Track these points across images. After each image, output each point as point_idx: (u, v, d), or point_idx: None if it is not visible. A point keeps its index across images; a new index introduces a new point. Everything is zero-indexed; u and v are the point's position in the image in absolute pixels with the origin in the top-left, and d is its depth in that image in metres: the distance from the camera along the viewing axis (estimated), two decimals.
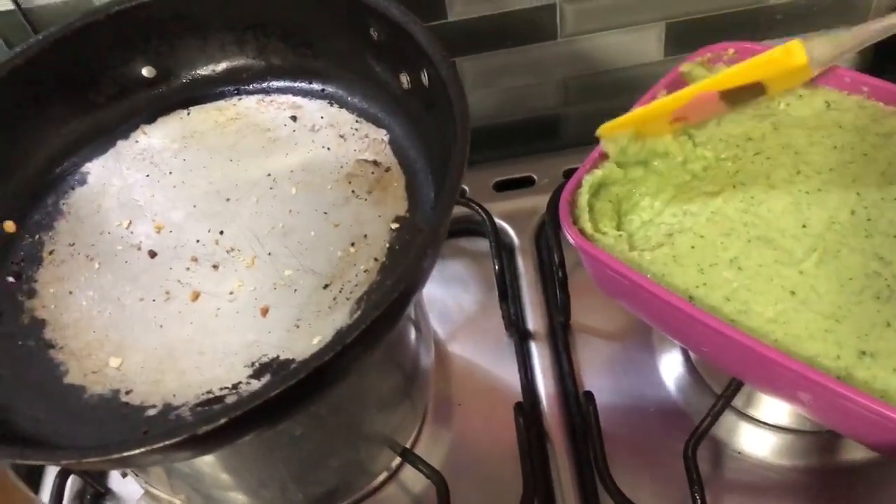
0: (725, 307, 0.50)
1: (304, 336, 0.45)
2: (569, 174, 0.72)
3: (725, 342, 0.49)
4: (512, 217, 0.75)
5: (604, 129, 0.57)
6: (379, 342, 0.43)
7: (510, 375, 0.67)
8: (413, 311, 0.57)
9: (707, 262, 0.53)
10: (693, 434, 0.57)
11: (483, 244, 0.73)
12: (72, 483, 0.64)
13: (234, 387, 0.43)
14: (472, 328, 0.70)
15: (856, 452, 0.59)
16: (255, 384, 0.43)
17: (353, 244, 0.48)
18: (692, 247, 0.53)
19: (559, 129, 0.86)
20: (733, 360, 0.53)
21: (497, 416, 0.64)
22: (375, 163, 0.52)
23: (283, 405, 0.37)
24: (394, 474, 0.62)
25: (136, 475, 0.53)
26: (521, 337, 0.68)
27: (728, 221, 0.54)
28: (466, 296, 0.72)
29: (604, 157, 0.58)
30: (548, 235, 0.71)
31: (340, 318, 0.45)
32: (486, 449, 0.63)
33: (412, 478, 0.62)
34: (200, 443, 0.36)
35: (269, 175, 0.53)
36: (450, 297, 0.72)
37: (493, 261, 0.69)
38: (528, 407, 0.64)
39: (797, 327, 0.49)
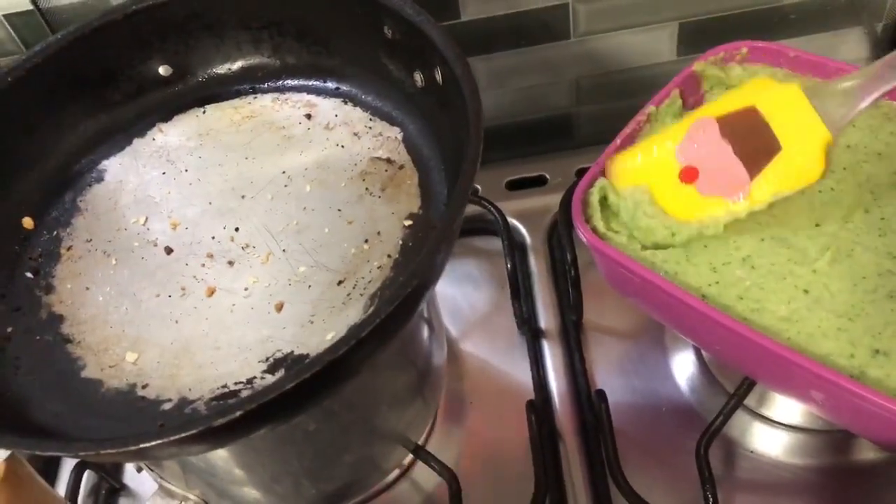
0: (738, 305, 0.51)
1: (318, 332, 0.45)
2: (581, 173, 0.72)
3: (738, 340, 0.49)
4: (524, 216, 0.75)
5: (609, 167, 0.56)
6: (393, 337, 0.43)
7: (522, 374, 0.67)
8: (426, 308, 0.57)
9: (720, 260, 0.53)
10: (705, 432, 0.57)
11: (495, 243, 0.73)
12: (87, 478, 0.65)
13: (249, 381, 0.44)
14: (485, 326, 0.70)
15: (868, 452, 0.59)
16: (270, 379, 0.43)
17: (366, 241, 0.49)
18: (705, 246, 0.53)
19: (572, 129, 0.86)
20: (746, 359, 0.53)
21: (509, 414, 0.64)
22: (389, 160, 0.52)
23: (297, 399, 0.37)
24: (406, 471, 0.63)
25: (152, 470, 0.53)
26: (533, 335, 0.68)
27: (741, 220, 0.54)
28: (479, 294, 0.72)
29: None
30: (560, 234, 0.72)
31: (354, 313, 0.46)
32: (498, 447, 0.64)
33: (424, 475, 0.62)
34: (216, 435, 0.36)
35: (283, 172, 0.53)
36: (462, 296, 0.72)
37: (506, 259, 0.69)
38: (540, 405, 0.64)
39: (810, 326, 0.49)
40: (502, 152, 0.82)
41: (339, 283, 0.47)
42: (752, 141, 0.52)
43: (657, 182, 0.54)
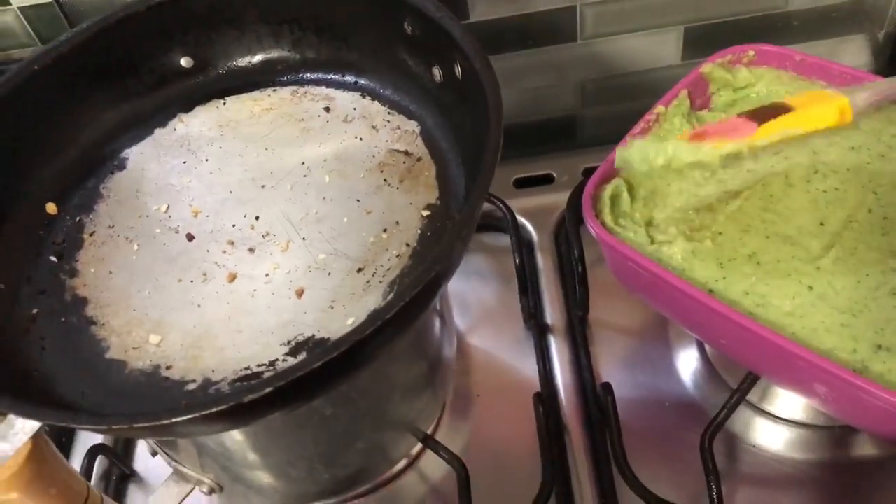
0: (744, 301, 0.52)
1: (338, 317, 0.46)
2: (588, 172, 0.74)
3: (744, 335, 0.50)
4: (532, 213, 0.76)
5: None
6: (413, 323, 0.44)
7: (529, 368, 0.68)
8: (438, 301, 0.58)
9: (726, 257, 0.54)
10: (710, 425, 0.58)
11: (502, 240, 0.74)
12: (99, 463, 0.65)
13: (272, 364, 0.45)
14: (492, 321, 0.71)
15: (868, 448, 0.60)
16: (292, 361, 0.44)
17: (385, 230, 0.50)
18: (712, 242, 0.55)
19: (577, 131, 0.88)
20: (751, 353, 0.54)
21: (515, 408, 0.65)
22: (407, 153, 0.54)
23: (322, 379, 0.38)
24: (413, 462, 0.64)
25: (167, 454, 0.54)
26: (539, 330, 0.69)
27: (747, 218, 0.56)
28: (486, 290, 0.73)
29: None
30: (567, 231, 0.73)
31: (373, 300, 0.47)
32: (505, 439, 0.64)
33: (431, 466, 0.63)
34: (245, 412, 0.37)
35: (303, 163, 0.54)
36: (470, 291, 0.73)
37: (514, 255, 0.70)
38: (546, 397, 0.65)
39: (814, 321, 0.50)
40: (508, 152, 0.83)
41: (359, 270, 0.48)
42: (766, 109, 0.50)
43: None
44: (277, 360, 0.45)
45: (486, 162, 0.42)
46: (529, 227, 0.76)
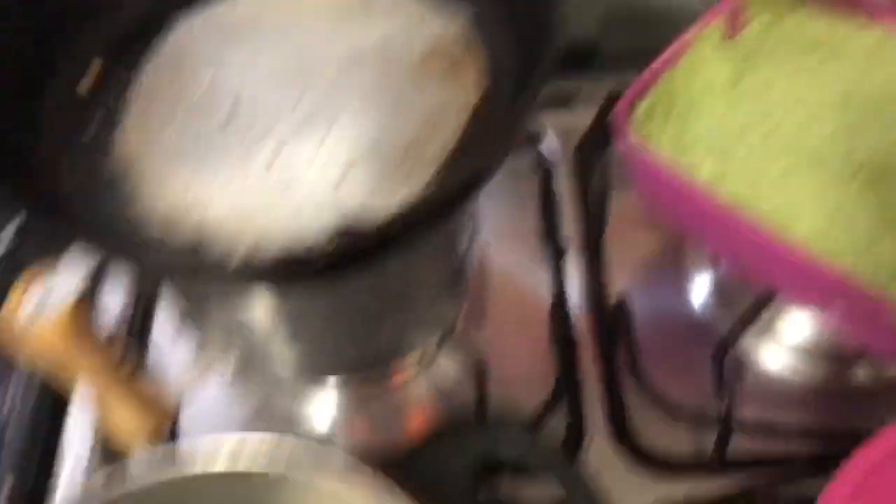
0: (770, 219, 0.53)
1: (378, 206, 0.46)
2: (610, 97, 0.74)
3: (768, 251, 0.51)
4: (554, 132, 0.77)
5: None
6: (450, 217, 0.44)
7: (544, 284, 0.69)
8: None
9: (755, 177, 0.55)
10: (720, 344, 0.60)
11: (522, 160, 0.75)
12: None
13: (312, 247, 0.45)
14: (511, 238, 0.72)
15: (863, 374, 0.63)
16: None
17: (428, 123, 0.50)
18: (742, 162, 0.55)
19: (596, 60, 0.87)
20: (774, 270, 0.55)
21: (529, 322, 0.66)
22: (453, 47, 0.53)
23: (366, 255, 0.39)
24: (429, 362, 0.65)
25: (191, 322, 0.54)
26: (556, 247, 0.70)
27: (778, 141, 0.56)
28: (505, 207, 0.74)
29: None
30: (589, 152, 0.73)
31: (413, 192, 0.47)
32: (518, 351, 0.66)
33: (446, 366, 0.65)
34: (295, 273, 0.38)
35: (345, 54, 0.54)
36: (490, 208, 0.73)
37: (536, 172, 0.71)
38: (560, 312, 0.66)
39: (838, 244, 0.52)
40: None
41: (400, 162, 0.48)
42: None
43: None
44: (318, 242, 0.45)
45: (546, 58, 0.42)
46: (551, 147, 0.76)
